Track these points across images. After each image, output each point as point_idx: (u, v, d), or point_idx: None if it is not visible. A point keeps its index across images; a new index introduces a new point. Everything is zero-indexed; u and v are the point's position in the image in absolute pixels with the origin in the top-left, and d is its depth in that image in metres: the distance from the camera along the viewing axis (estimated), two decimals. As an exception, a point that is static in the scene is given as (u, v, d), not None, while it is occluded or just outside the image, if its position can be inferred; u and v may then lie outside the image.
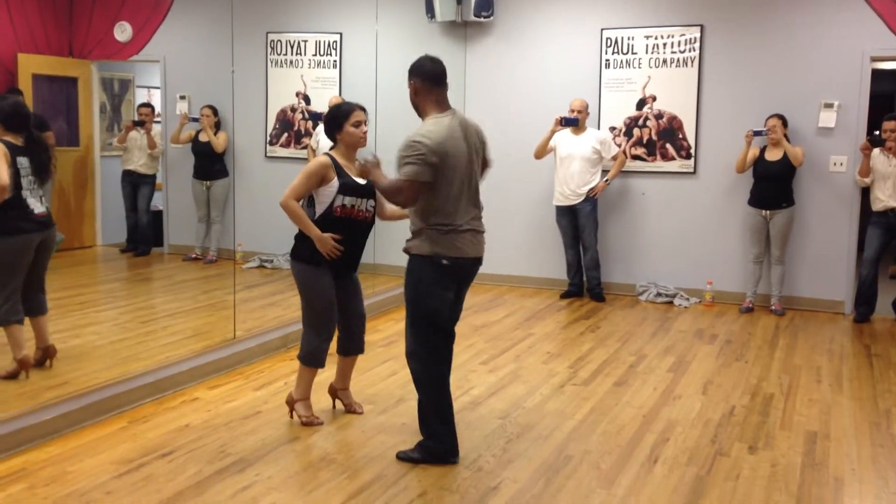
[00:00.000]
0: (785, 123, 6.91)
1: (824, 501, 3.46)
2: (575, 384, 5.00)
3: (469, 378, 5.06)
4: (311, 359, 4.21)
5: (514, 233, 7.94)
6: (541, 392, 4.84)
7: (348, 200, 4.07)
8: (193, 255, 8.67)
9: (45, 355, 4.89)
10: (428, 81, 3.76)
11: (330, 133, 4.19)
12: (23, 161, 4.62)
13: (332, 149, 4.21)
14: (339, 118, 4.13)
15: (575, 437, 4.14)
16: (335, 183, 4.05)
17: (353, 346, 4.38)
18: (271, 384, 4.90)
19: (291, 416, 4.29)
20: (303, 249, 4.13)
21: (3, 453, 3.72)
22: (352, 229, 4.13)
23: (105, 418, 4.24)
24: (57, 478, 3.53)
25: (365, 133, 4.17)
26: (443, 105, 3.77)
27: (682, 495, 3.49)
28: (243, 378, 5.01)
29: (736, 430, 4.27)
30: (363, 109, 4.19)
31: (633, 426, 4.30)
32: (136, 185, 8.90)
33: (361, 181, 4.08)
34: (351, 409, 4.44)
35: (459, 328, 4.45)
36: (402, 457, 3.79)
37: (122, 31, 8.89)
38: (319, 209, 4.08)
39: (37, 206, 4.71)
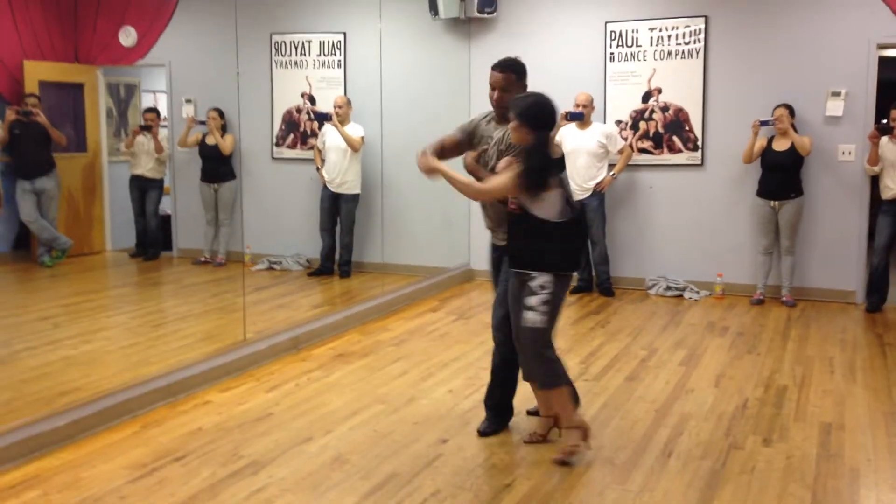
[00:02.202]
0: (792, 113, 6.88)
1: (840, 493, 3.44)
2: (586, 380, 4.98)
3: (480, 375, 5.04)
4: (557, 377, 3.85)
5: (523, 229, 7.91)
6: (552, 388, 4.82)
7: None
8: (202, 259, 8.68)
9: None
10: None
11: (543, 125, 3.71)
12: None
13: None
14: (555, 115, 3.75)
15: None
16: None
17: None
18: (282, 385, 4.90)
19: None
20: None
21: (17, 460, 3.73)
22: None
23: (117, 423, 4.25)
24: (71, 484, 3.54)
25: None
26: None
27: (697, 489, 3.47)
28: (255, 380, 5.01)
29: (750, 423, 4.25)
30: None
31: (647, 421, 4.29)
32: (144, 189, 8.92)
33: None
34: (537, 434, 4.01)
35: (471, 326, 4.47)
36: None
37: (127, 36, 8.91)
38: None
39: None
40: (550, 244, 3.69)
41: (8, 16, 8.11)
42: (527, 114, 3.65)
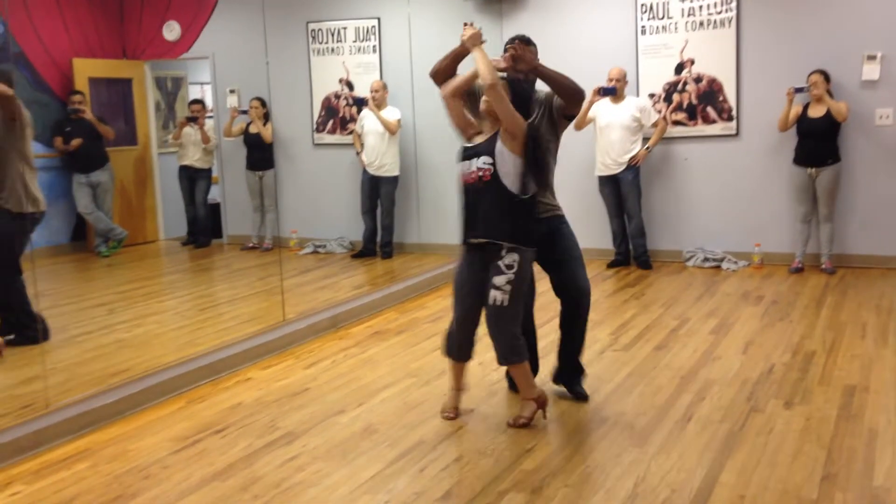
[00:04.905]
0: (827, 78, 6.82)
1: (855, 451, 3.50)
2: (615, 350, 5.08)
3: (511, 348, 5.17)
4: (443, 345, 4.12)
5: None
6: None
7: (459, 166, 3.87)
8: (251, 244, 8.96)
9: None
10: None
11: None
12: None
13: None
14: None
15: (611, 400, 4.24)
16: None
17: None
18: (320, 362, 5.10)
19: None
20: None
21: (70, 435, 3.99)
22: (465, 196, 3.87)
23: (164, 399, 4.49)
24: (118, 456, 3.79)
25: None
26: None
27: (713, 451, 3.56)
28: (294, 358, 5.22)
29: (773, 388, 4.31)
30: None
31: (670, 388, 4.38)
32: (193, 179, 9.22)
33: (468, 143, 3.88)
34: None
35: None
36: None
37: (171, 31, 9.19)
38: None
39: None
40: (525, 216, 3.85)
41: (57, 16, 8.45)
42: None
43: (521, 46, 4.00)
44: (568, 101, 4.03)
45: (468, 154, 3.84)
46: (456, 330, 4.03)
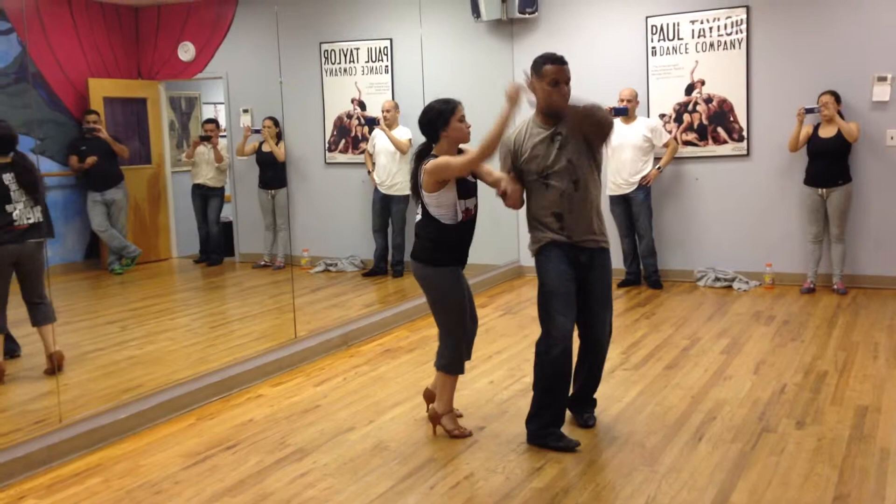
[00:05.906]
0: (838, 99, 6.83)
1: (867, 472, 3.49)
2: (625, 369, 5.08)
3: (522, 367, 5.18)
4: (453, 366, 4.05)
5: (571, 224, 8.00)
6: (591, 377, 4.93)
7: (470, 203, 3.94)
8: (262, 262, 9.00)
9: (53, 363, 5.05)
10: None
11: (433, 130, 3.93)
12: (8, 177, 4.97)
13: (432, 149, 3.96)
14: (446, 113, 3.89)
15: (621, 419, 4.23)
16: (454, 186, 3.87)
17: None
18: (331, 380, 5.11)
19: (435, 432, 4.11)
20: (426, 251, 4.01)
21: (83, 450, 4.02)
22: (471, 231, 4.02)
23: (176, 416, 4.51)
24: (130, 471, 3.80)
25: (469, 128, 3.97)
26: None
27: (724, 470, 3.55)
28: (305, 375, 5.24)
29: (785, 408, 4.30)
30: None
31: (681, 407, 4.37)
32: (206, 197, 9.27)
33: (471, 179, 3.98)
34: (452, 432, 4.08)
35: (518, 320, 4.59)
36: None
37: (186, 51, 9.29)
38: (447, 217, 3.91)
39: (21, 219, 5.00)
40: None
41: (74, 37, 8.56)
42: None
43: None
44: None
45: (471, 191, 3.98)
46: (462, 346, 4.08)
